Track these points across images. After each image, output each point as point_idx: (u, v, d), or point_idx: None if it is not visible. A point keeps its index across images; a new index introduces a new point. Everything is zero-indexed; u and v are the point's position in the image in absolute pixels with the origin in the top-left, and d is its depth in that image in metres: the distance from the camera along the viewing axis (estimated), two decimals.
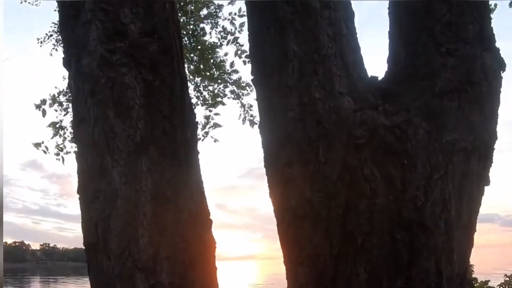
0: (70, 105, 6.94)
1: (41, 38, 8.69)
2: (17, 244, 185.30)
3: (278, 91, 1.78)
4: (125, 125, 1.78)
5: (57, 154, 6.94)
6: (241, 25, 6.37)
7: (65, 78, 7.10)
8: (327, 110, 1.69)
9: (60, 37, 8.53)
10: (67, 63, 1.94)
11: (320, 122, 1.69)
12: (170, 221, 1.79)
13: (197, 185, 1.94)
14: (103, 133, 1.78)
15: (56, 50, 8.64)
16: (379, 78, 1.92)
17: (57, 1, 2.04)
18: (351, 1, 1.98)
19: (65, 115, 7.11)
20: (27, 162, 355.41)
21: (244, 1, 2.18)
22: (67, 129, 6.97)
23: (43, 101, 6.76)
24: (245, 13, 6.16)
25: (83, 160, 1.85)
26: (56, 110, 7.09)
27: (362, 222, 1.62)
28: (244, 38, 6.36)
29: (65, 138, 6.98)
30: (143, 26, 1.86)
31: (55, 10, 8.46)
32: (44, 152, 6.74)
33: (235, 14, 6.50)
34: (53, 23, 8.58)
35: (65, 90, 7.05)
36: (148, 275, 1.73)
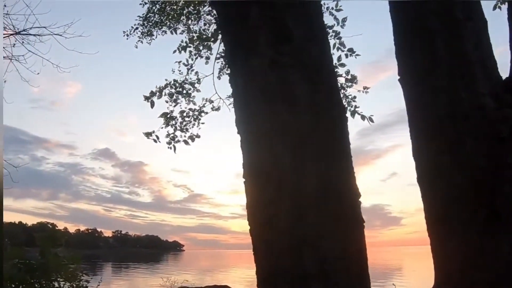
0: (180, 96, 7.48)
1: (127, 31, 8.84)
2: (89, 231, 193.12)
3: (428, 91, 2.10)
4: (293, 119, 2.00)
5: (169, 143, 7.16)
6: (344, 20, 6.57)
7: (174, 71, 7.45)
8: (472, 108, 2.00)
9: (144, 30, 9.06)
10: (231, 61, 2.20)
11: (467, 118, 2.00)
12: (332, 202, 2.00)
13: (351, 171, 2.17)
14: (273, 126, 2.01)
15: (141, 42, 8.83)
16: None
17: (217, 6, 2.30)
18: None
19: (175, 106, 7.33)
20: (99, 151, 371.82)
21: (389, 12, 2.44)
22: (177, 119, 7.24)
23: (153, 93, 6.99)
24: (341, 8, 6.32)
25: (253, 149, 2.11)
26: (167, 102, 7.27)
27: (506, 204, 1.92)
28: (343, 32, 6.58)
29: (176, 128, 7.23)
30: (306, 32, 2.10)
31: (140, 4, 8.62)
32: (155, 141, 6.90)
33: (332, 8, 6.68)
34: (138, 16, 8.72)
35: (172, 82, 7.31)
36: (314, 250, 1.93)
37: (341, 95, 6.94)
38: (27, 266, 6.59)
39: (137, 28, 8.80)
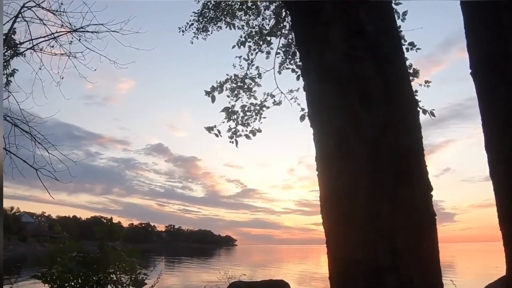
0: (241, 91, 7.43)
1: (182, 27, 8.97)
2: (143, 225, 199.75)
3: (502, 85, 2.07)
4: (368, 112, 2.02)
5: (231, 137, 7.26)
6: (404, 13, 6.36)
7: (235, 66, 7.59)
8: None
9: (199, 26, 9.03)
10: (304, 56, 2.23)
11: None
12: (405, 195, 2.00)
13: (423, 165, 2.16)
14: (348, 120, 2.04)
15: (197, 38, 8.96)
16: None
17: (289, 2, 2.34)
18: None
19: (236, 100, 7.40)
20: (152, 146, 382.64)
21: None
22: (239, 114, 7.32)
23: (213, 88, 7.08)
24: (400, 1, 6.23)
25: (327, 144, 2.13)
26: (228, 96, 7.38)
27: None
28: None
29: (237, 123, 7.30)
30: (378, 26, 2.12)
31: (195, 0, 8.89)
32: (216, 135, 6.99)
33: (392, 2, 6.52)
34: (194, 12, 8.84)
35: (233, 76, 7.40)
36: (388, 243, 1.95)
37: None
38: (86, 259, 6.70)
39: (192, 24, 8.88)
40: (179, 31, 8.98)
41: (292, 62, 7.35)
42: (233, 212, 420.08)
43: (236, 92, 7.28)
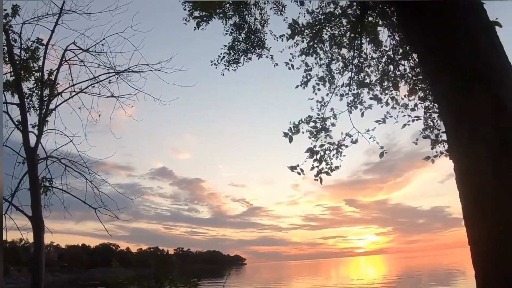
0: (321, 132, 7.78)
1: (214, 60, 9.25)
2: (151, 249, 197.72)
3: None
4: None
5: (316, 175, 7.68)
6: None
7: (313, 109, 8.01)
8: None
9: (231, 57, 9.40)
10: (456, 125, 2.67)
11: None
12: None
13: None
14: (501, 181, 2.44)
15: (228, 70, 9.27)
16: None
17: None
18: None
19: (316, 140, 7.84)
20: (156, 171, 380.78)
21: None
22: (321, 153, 7.73)
23: (290, 129, 7.58)
24: None
25: (479, 203, 2.53)
26: (309, 137, 7.81)
27: None
28: None
29: (320, 161, 7.72)
30: None
31: (224, 34, 9.14)
32: (299, 173, 7.43)
33: None
34: (224, 45, 9.19)
35: (307, 117, 7.82)
36: None
37: None
38: None
39: (223, 57, 9.22)
40: (211, 64, 9.27)
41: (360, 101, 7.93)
42: (241, 231, 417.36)
43: (315, 133, 7.71)
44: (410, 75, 7.36)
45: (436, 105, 6.38)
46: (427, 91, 6.96)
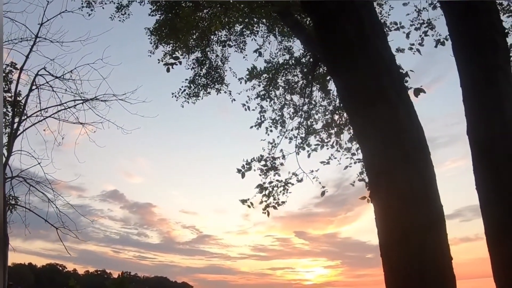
0: (270, 170, 8.55)
1: (175, 92, 10.20)
2: (98, 272, 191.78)
3: None
4: None
5: (264, 209, 8.42)
6: None
7: (264, 149, 8.84)
8: None
9: (191, 91, 10.18)
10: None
11: None
12: None
13: None
14: None
15: (188, 103, 10.13)
16: None
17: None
18: None
19: (266, 177, 8.72)
20: (107, 193, 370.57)
21: None
22: (269, 189, 8.56)
23: (243, 166, 8.26)
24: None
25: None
26: (260, 175, 8.65)
27: None
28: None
29: (269, 196, 8.54)
30: None
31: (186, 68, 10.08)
32: (249, 206, 8.14)
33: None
34: (185, 79, 10.10)
35: (259, 156, 8.65)
36: None
37: None
38: None
39: (184, 90, 10.01)
40: (172, 96, 10.20)
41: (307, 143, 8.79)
42: (189, 258, 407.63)
43: (265, 171, 8.56)
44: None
45: None
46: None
